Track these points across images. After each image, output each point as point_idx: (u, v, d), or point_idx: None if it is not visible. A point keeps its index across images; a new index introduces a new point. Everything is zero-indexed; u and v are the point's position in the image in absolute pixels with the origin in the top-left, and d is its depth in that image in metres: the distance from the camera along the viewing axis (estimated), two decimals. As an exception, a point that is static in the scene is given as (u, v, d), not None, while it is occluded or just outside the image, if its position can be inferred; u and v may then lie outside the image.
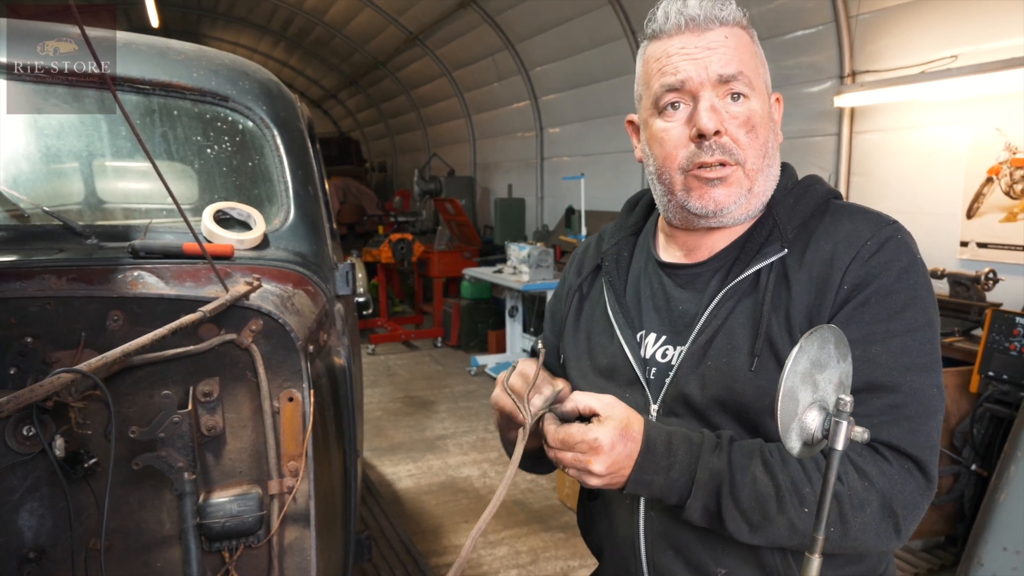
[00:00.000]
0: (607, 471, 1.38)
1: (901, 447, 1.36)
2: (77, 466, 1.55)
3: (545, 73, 11.69)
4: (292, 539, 1.74)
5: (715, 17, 1.48)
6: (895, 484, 1.35)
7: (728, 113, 1.48)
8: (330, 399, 2.17)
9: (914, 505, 1.38)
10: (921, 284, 1.44)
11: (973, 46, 5.34)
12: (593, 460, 1.37)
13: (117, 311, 1.66)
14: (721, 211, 1.54)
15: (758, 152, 1.51)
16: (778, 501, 1.36)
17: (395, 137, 20.26)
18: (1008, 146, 5.17)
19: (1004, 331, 4.33)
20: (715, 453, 1.41)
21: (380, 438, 7.27)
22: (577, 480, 1.44)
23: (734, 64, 1.47)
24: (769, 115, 1.55)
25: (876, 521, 1.35)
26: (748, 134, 1.49)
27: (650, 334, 1.67)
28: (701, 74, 1.47)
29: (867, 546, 1.38)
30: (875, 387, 1.38)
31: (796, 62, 6.95)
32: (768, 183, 1.57)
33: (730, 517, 1.39)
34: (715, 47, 1.47)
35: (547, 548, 5.05)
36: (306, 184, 2.52)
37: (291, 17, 16.90)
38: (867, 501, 1.34)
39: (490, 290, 11.01)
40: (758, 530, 1.38)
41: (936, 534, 4.78)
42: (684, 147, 1.52)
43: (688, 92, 1.49)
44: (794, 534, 1.37)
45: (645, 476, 1.40)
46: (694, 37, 1.48)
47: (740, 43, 1.50)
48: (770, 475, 1.37)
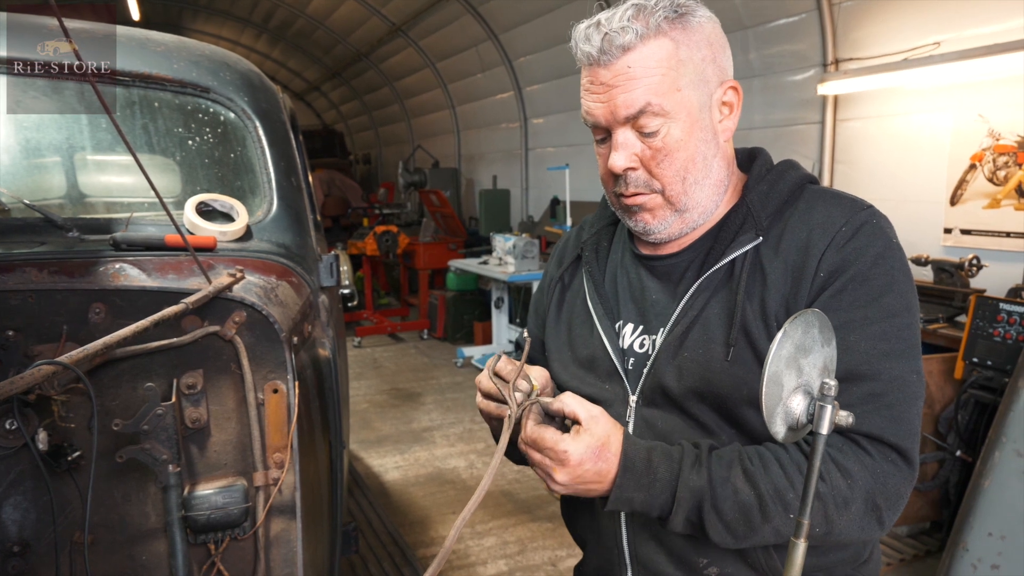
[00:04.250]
0: (569, 483, 1.38)
1: (882, 437, 1.36)
2: (60, 459, 1.54)
3: (529, 64, 11.66)
4: (278, 531, 1.74)
5: (616, 46, 1.42)
6: (877, 478, 1.35)
7: (643, 143, 1.48)
8: (315, 390, 2.16)
9: (897, 495, 1.38)
10: (898, 269, 1.43)
11: (955, 32, 5.36)
12: (558, 470, 1.37)
13: (99, 304, 1.64)
14: (650, 231, 1.58)
15: (675, 177, 1.50)
16: (761, 511, 1.36)
17: (379, 129, 20.20)
18: (991, 132, 5.20)
19: (988, 317, 4.35)
20: (695, 469, 1.40)
21: (367, 430, 7.26)
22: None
23: (639, 99, 1.43)
24: (695, 125, 1.49)
25: (860, 517, 1.36)
26: (661, 164, 1.48)
27: (628, 324, 1.67)
28: (607, 117, 1.47)
29: (851, 539, 1.40)
30: (854, 376, 1.38)
31: (779, 50, 6.96)
32: (703, 193, 1.55)
33: (714, 530, 1.39)
34: (619, 83, 1.44)
35: (534, 538, 5.05)
36: (289, 175, 2.51)
37: (273, 9, 16.80)
38: (851, 499, 1.34)
39: (476, 281, 10.99)
40: (744, 539, 1.39)
41: (921, 520, 4.81)
42: (610, 176, 1.56)
43: (603, 129, 1.51)
44: (779, 538, 1.38)
45: (625, 494, 1.40)
46: (601, 70, 1.46)
47: (650, 65, 1.43)
48: (751, 485, 1.37)
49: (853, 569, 1.57)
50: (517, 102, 12.30)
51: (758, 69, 7.15)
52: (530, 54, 11.46)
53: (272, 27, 18.33)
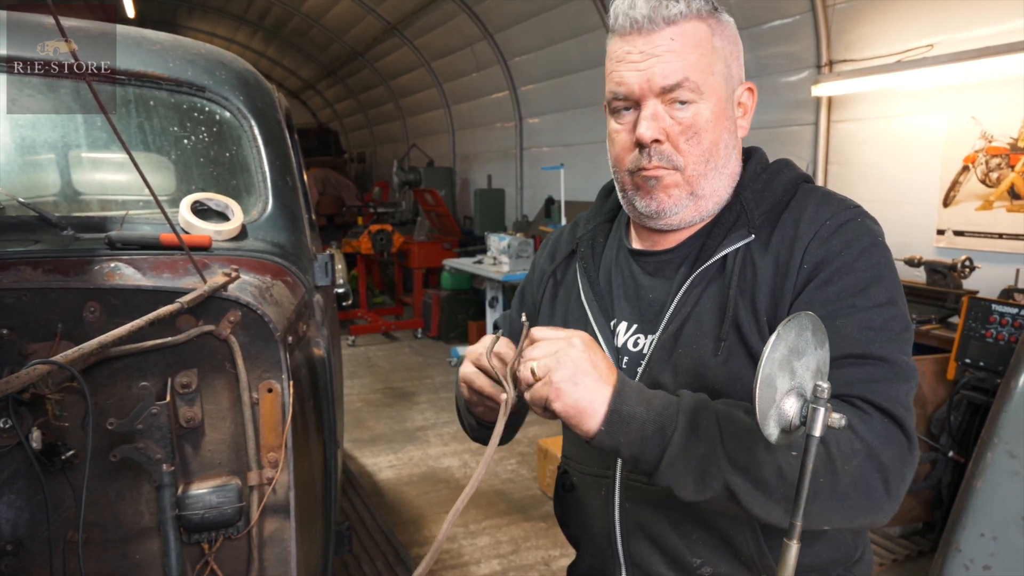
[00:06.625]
0: (569, 378, 1.29)
1: (879, 403, 1.31)
2: (54, 458, 1.54)
3: (524, 63, 11.67)
4: (272, 530, 1.74)
5: (662, 17, 1.44)
6: (879, 437, 1.29)
7: (671, 119, 1.48)
8: (310, 390, 2.16)
9: (901, 461, 1.30)
10: (883, 264, 1.43)
11: (949, 35, 5.38)
12: (561, 359, 1.30)
13: (94, 302, 1.64)
14: (664, 212, 1.55)
15: (700, 157, 1.51)
16: (766, 443, 1.22)
17: (374, 128, 20.18)
18: (984, 134, 5.22)
19: (980, 318, 4.37)
20: (695, 395, 1.35)
21: (361, 429, 7.26)
22: (532, 398, 1.33)
23: (678, 72, 1.45)
24: (722, 113, 1.52)
25: (865, 473, 1.27)
26: (689, 140, 1.49)
27: (622, 322, 1.67)
28: (643, 85, 1.46)
29: (858, 507, 1.29)
30: (847, 357, 1.35)
31: (773, 51, 6.97)
32: (719, 182, 1.56)
33: (717, 454, 1.29)
34: (660, 53, 1.45)
35: (528, 537, 5.06)
36: (284, 175, 2.51)
37: (268, 7, 16.79)
38: (854, 451, 1.27)
39: (470, 281, 10.99)
40: (745, 471, 1.27)
41: (914, 520, 4.82)
42: (630, 151, 1.54)
43: (633, 100, 1.50)
44: (782, 480, 1.26)
45: (627, 407, 1.29)
46: (641, 39, 1.46)
47: (689, 43, 1.46)
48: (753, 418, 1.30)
49: (845, 569, 1.57)
50: (512, 102, 12.30)
51: (752, 70, 7.12)
52: (525, 54, 11.46)
53: (267, 25, 18.32)
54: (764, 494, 1.27)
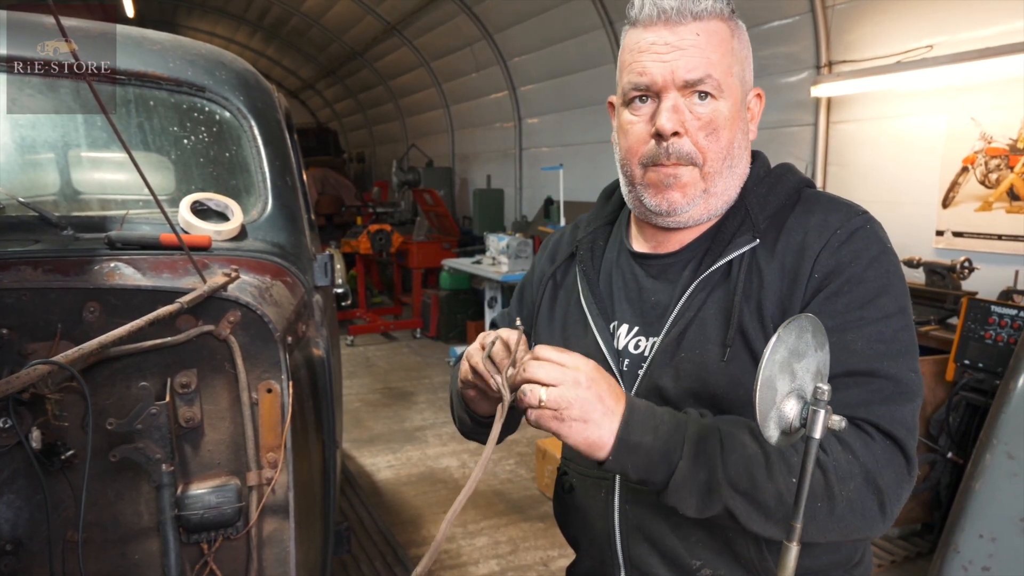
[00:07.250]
0: (578, 420, 1.30)
1: (881, 426, 1.34)
2: (54, 458, 1.54)
3: (523, 63, 11.67)
4: (271, 530, 1.74)
5: (689, 11, 1.45)
6: (878, 460, 1.32)
7: (691, 113, 1.48)
8: (309, 390, 2.16)
9: (898, 484, 1.34)
10: (893, 272, 1.43)
11: (948, 36, 5.38)
12: (574, 377, 1.30)
13: (94, 302, 1.64)
14: (675, 210, 1.54)
15: (718, 154, 1.50)
16: (767, 468, 1.31)
17: (373, 128, 20.18)
18: (983, 135, 5.22)
19: (979, 319, 4.37)
20: (701, 420, 1.38)
21: (359, 429, 7.26)
22: (537, 422, 1.33)
23: (702, 67, 1.45)
24: (738, 115, 1.53)
25: (861, 496, 1.31)
26: (709, 136, 1.49)
27: (623, 325, 1.66)
28: (667, 77, 1.46)
29: (853, 527, 1.33)
30: (853, 373, 1.37)
31: (773, 52, 6.97)
32: (731, 182, 1.56)
33: (719, 480, 1.32)
34: (685, 46, 1.45)
35: (526, 538, 5.06)
36: (284, 175, 2.51)
37: (268, 7, 16.79)
38: (851, 474, 1.30)
39: (469, 281, 10.99)
40: (746, 495, 1.32)
41: (912, 522, 4.83)
42: (645, 143, 1.52)
43: (653, 92, 1.49)
44: (780, 504, 1.30)
45: (633, 437, 1.32)
46: (666, 31, 1.46)
47: (713, 41, 1.47)
48: (759, 442, 1.33)
49: (845, 572, 1.57)
50: (511, 102, 12.30)
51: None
52: (525, 54, 11.47)
53: (267, 25, 18.32)
54: (763, 516, 1.33)
